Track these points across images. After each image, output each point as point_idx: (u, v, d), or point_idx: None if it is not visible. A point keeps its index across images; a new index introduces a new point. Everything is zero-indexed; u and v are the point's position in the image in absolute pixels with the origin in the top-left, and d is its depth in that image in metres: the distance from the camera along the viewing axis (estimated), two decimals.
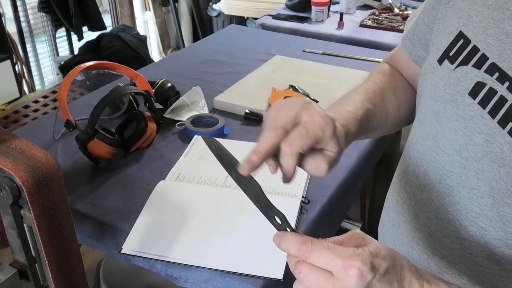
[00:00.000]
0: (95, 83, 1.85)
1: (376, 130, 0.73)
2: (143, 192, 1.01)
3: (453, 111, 0.56)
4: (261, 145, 0.51)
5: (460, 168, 0.56)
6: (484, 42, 0.54)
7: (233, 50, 1.78)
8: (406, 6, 2.24)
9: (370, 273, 0.43)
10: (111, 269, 1.28)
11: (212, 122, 1.25)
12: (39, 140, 1.19)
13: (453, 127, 0.56)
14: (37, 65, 3.16)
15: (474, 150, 0.54)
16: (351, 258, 0.42)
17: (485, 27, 0.54)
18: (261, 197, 0.49)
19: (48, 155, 0.64)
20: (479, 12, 0.55)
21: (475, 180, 0.54)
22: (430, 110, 0.60)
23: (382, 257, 0.44)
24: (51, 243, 0.67)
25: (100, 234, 0.93)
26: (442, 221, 0.60)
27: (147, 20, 3.70)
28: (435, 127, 0.59)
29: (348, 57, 1.71)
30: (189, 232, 0.90)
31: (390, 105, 0.73)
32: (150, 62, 2.83)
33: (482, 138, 0.53)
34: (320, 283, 0.44)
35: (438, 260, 0.61)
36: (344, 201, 1.13)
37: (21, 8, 2.94)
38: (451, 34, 0.59)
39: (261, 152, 0.50)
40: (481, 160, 0.53)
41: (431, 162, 0.60)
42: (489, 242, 0.55)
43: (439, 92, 0.59)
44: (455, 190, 0.57)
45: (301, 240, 0.45)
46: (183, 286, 0.85)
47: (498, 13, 0.53)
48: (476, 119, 0.53)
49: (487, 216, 0.54)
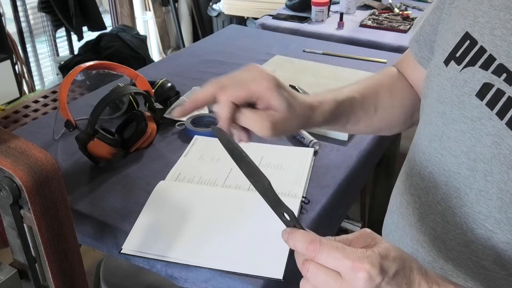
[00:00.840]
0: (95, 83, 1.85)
1: (362, 120, 0.72)
2: (143, 192, 1.01)
3: (460, 112, 0.55)
4: (197, 94, 0.57)
5: (467, 170, 0.55)
6: (491, 42, 0.53)
7: (233, 50, 1.78)
8: (406, 6, 2.24)
9: (379, 276, 0.42)
10: (111, 269, 1.28)
11: (212, 122, 1.25)
12: (39, 140, 1.19)
13: (460, 128, 0.56)
14: (37, 65, 3.16)
15: (482, 151, 0.53)
16: (360, 260, 0.42)
17: (492, 27, 0.53)
18: (270, 193, 0.49)
19: (48, 155, 0.64)
20: (485, 13, 0.55)
21: (483, 182, 0.54)
22: (436, 112, 0.60)
23: (392, 259, 0.44)
24: (51, 243, 0.67)
25: (100, 234, 0.93)
26: (449, 224, 0.59)
27: (147, 20, 3.70)
28: (441, 128, 0.59)
29: (348, 57, 1.71)
30: (189, 232, 0.90)
31: (382, 101, 0.73)
32: (150, 62, 2.83)
33: (490, 140, 0.52)
34: (327, 283, 0.43)
35: (443, 263, 0.61)
36: (344, 201, 1.13)
37: (21, 8, 2.94)
38: (457, 35, 0.58)
39: (196, 100, 0.57)
40: (490, 162, 0.53)
41: (437, 164, 0.60)
42: (496, 246, 0.54)
43: (445, 94, 0.58)
44: (463, 192, 0.56)
45: (310, 239, 0.44)
46: (183, 286, 0.85)
47: (505, 14, 0.52)
48: (484, 120, 0.53)
49: (495, 219, 0.53)
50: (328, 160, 1.13)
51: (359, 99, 0.70)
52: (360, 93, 0.71)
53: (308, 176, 1.06)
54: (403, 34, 1.97)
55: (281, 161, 1.11)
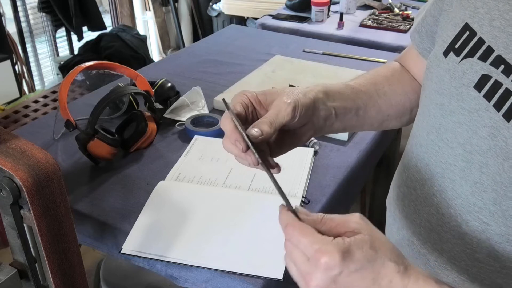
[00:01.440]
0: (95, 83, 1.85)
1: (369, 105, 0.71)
2: (143, 192, 1.01)
3: (458, 104, 0.55)
4: None
5: (463, 161, 0.55)
6: (490, 34, 0.53)
7: (233, 50, 1.78)
8: (406, 6, 2.24)
9: (338, 266, 0.44)
10: (111, 269, 1.28)
11: (212, 122, 1.25)
12: (39, 140, 1.19)
13: (458, 120, 0.56)
14: (37, 65, 3.16)
15: (478, 143, 0.53)
16: (322, 249, 0.44)
17: (491, 18, 0.53)
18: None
19: (48, 155, 0.64)
20: (485, 4, 0.54)
21: (478, 174, 0.54)
22: (435, 103, 0.60)
23: (363, 251, 0.44)
24: (51, 243, 0.67)
25: (100, 234, 0.93)
26: (444, 216, 0.59)
27: (147, 20, 3.70)
28: (439, 120, 0.59)
29: (348, 57, 1.71)
30: (189, 232, 0.90)
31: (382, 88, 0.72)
32: (150, 62, 2.83)
33: (486, 132, 0.52)
34: (300, 262, 0.47)
35: (438, 256, 0.61)
36: (344, 201, 1.13)
37: (21, 8, 2.94)
38: (457, 26, 0.58)
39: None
40: (485, 153, 0.53)
41: (434, 156, 0.60)
42: (491, 238, 0.54)
43: (444, 85, 0.58)
44: (458, 184, 0.57)
45: (285, 223, 0.48)
46: (183, 286, 0.85)
47: (504, 4, 0.52)
48: (481, 112, 0.53)
49: (489, 211, 0.54)
50: (328, 160, 1.13)
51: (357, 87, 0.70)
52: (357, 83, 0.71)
53: (308, 176, 1.06)
54: (403, 34, 1.97)
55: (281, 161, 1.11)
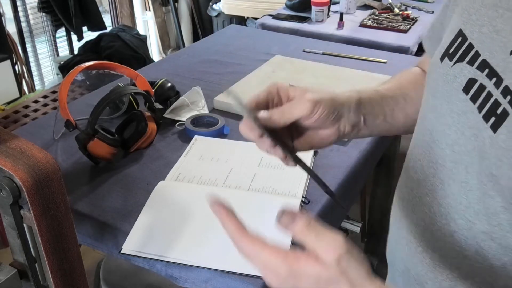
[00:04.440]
0: (95, 83, 1.85)
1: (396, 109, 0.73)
2: (143, 192, 1.01)
3: (448, 106, 0.58)
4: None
5: (451, 162, 0.58)
6: (479, 39, 0.56)
7: (233, 50, 1.78)
8: (406, 6, 2.24)
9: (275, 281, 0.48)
10: (111, 269, 1.28)
11: (212, 122, 1.25)
12: (39, 140, 1.19)
13: (447, 122, 0.58)
14: (37, 65, 3.16)
15: (465, 144, 0.56)
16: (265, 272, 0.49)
17: (481, 25, 0.56)
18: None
19: (48, 155, 0.64)
20: (477, 11, 0.57)
21: (464, 174, 0.56)
22: (430, 106, 0.63)
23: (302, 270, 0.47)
24: (51, 243, 0.67)
25: (100, 234, 0.93)
26: (435, 215, 0.62)
27: (147, 20, 3.70)
28: (432, 122, 0.62)
29: (348, 57, 1.71)
30: (189, 232, 0.90)
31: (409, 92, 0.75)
32: (150, 62, 2.83)
33: (471, 133, 0.55)
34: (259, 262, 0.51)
35: (431, 253, 0.63)
36: (344, 201, 1.13)
37: (21, 8, 2.94)
38: (453, 32, 0.61)
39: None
40: (470, 153, 0.55)
41: (427, 157, 0.63)
42: (476, 236, 0.56)
43: (438, 89, 0.61)
44: (446, 183, 0.59)
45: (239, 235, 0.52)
46: (183, 286, 0.85)
47: (493, 12, 0.55)
48: (468, 114, 0.55)
49: (474, 209, 0.56)
50: (328, 160, 1.13)
51: (385, 93, 0.72)
52: (384, 89, 0.73)
53: (308, 176, 1.06)
54: (403, 34, 1.97)
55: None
